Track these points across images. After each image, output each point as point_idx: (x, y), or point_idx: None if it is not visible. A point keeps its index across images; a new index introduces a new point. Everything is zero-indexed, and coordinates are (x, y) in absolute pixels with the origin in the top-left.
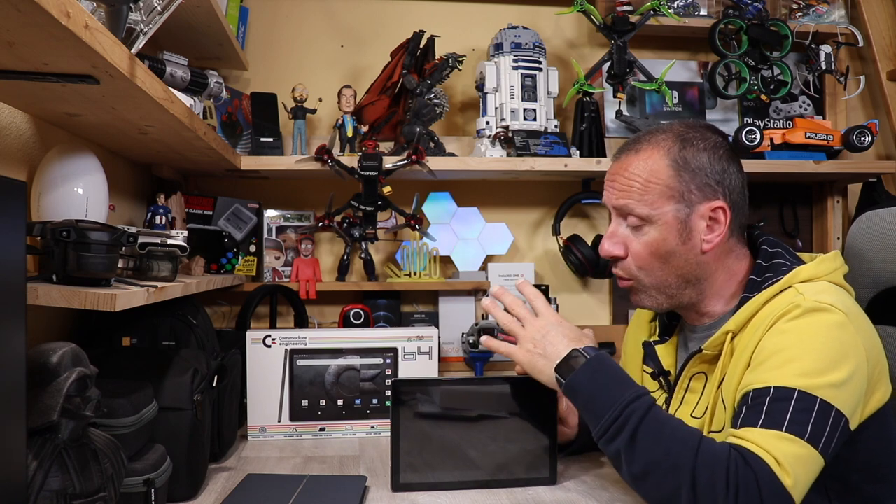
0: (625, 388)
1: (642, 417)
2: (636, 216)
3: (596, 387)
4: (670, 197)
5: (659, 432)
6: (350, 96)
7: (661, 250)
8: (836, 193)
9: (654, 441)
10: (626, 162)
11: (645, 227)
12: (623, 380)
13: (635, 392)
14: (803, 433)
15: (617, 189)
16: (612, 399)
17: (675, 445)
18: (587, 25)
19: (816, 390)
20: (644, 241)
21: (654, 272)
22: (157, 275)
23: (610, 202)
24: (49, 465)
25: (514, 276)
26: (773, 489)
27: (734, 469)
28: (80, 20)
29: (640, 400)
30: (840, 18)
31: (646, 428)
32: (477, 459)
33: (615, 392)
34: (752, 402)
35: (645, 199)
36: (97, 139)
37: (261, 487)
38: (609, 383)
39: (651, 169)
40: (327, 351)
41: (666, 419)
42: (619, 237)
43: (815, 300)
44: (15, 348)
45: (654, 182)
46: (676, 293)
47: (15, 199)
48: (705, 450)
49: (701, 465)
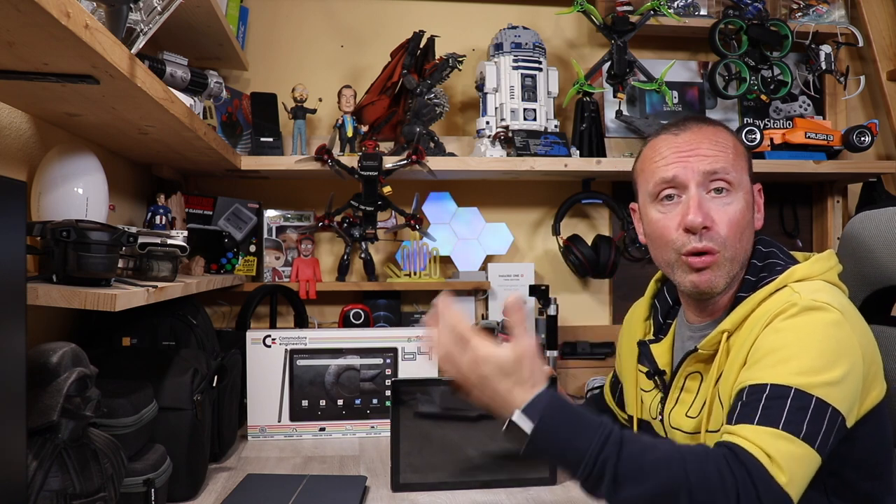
0: (587, 435)
1: (618, 458)
2: (727, 181)
3: (556, 447)
4: (747, 168)
5: (640, 468)
6: (350, 96)
7: (741, 221)
8: (836, 193)
9: (638, 478)
10: (705, 131)
11: (731, 194)
12: (580, 424)
13: (600, 434)
14: (799, 431)
15: (705, 154)
16: (580, 452)
17: (661, 474)
18: (587, 25)
19: (813, 389)
20: (729, 209)
21: (735, 244)
22: (157, 275)
23: (696, 167)
24: (49, 465)
25: (514, 276)
26: (769, 487)
27: (728, 472)
28: (80, 20)
29: (608, 442)
30: (840, 18)
31: (625, 468)
32: (477, 459)
33: (579, 443)
34: (747, 399)
35: (736, 165)
36: (97, 139)
37: (261, 487)
38: (569, 437)
39: (734, 141)
40: (327, 351)
41: (640, 450)
42: (705, 207)
43: (812, 299)
44: (15, 348)
45: (739, 152)
46: (739, 269)
47: (15, 199)
48: (693, 468)
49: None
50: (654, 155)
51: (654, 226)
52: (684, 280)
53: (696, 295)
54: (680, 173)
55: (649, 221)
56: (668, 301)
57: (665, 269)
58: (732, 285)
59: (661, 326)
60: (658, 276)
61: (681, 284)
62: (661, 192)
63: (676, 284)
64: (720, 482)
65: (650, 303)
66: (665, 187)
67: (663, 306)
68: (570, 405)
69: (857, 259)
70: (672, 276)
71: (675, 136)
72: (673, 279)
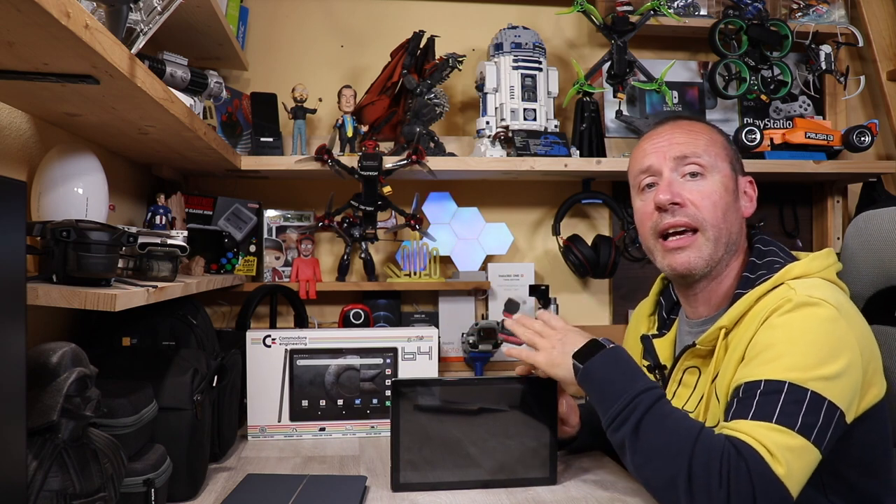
0: (636, 380)
1: (648, 408)
2: (700, 164)
3: (609, 375)
4: (726, 157)
5: (661, 423)
6: (350, 96)
7: (718, 200)
8: (836, 193)
9: (655, 431)
10: (682, 124)
11: (705, 175)
12: (636, 372)
13: (645, 384)
14: (794, 424)
15: (678, 142)
16: (623, 389)
17: (675, 436)
18: (587, 25)
19: (807, 383)
20: (702, 187)
21: (718, 223)
22: (157, 275)
23: (668, 153)
24: (49, 465)
25: (515, 276)
26: (765, 478)
27: (727, 458)
28: (80, 20)
29: (648, 392)
30: (840, 18)
31: (650, 419)
32: (477, 457)
33: (626, 383)
34: (742, 396)
35: (709, 151)
36: (97, 139)
37: (261, 487)
38: (622, 374)
39: (710, 131)
40: (327, 351)
41: (670, 412)
42: (676, 186)
43: (807, 295)
44: (15, 348)
45: (715, 141)
46: (723, 253)
47: (15, 199)
48: (703, 440)
49: (698, 455)
50: (638, 151)
51: (637, 214)
52: (663, 263)
53: (677, 279)
54: (655, 162)
55: (635, 211)
56: (673, 297)
57: (650, 256)
58: (717, 272)
59: (665, 322)
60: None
61: (662, 268)
62: (641, 182)
63: (661, 269)
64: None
65: (656, 299)
66: (644, 176)
67: (667, 302)
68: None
69: (860, 259)
70: (655, 261)
71: (655, 132)
72: (656, 264)
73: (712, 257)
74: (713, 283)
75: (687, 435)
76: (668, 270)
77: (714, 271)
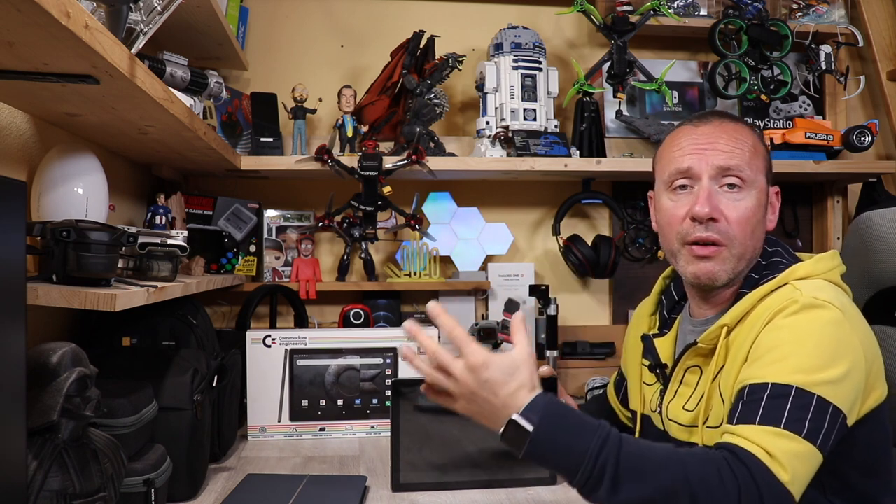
0: (587, 436)
1: (617, 459)
2: (741, 178)
3: (557, 447)
4: (764, 168)
5: (639, 469)
6: (350, 96)
7: (751, 218)
8: (836, 193)
9: (637, 479)
10: (725, 126)
11: (744, 191)
12: (579, 426)
13: (599, 435)
14: (801, 430)
15: (722, 149)
16: (579, 454)
17: (660, 476)
18: (587, 25)
19: (813, 387)
20: (739, 205)
21: (745, 241)
22: (157, 275)
23: (711, 160)
24: (49, 465)
25: (514, 276)
26: (770, 485)
27: (728, 473)
28: (80, 20)
29: (608, 443)
30: (840, 18)
31: (624, 469)
32: (477, 457)
33: (577, 445)
34: (748, 399)
35: (751, 164)
36: (97, 139)
37: (261, 487)
38: (569, 438)
39: (754, 139)
40: (327, 351)
41: (639, 451)
42: (714, 199)
43: (813, 296)
44: (15, 348)
45: (758, 151)
46: (744, 267)
47: (15, 199)
48: (694, 471)
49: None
50: (673, 145)
51: (663, 213)
52: (686, 269)
53: (697, 285)
54: (695, 164)
55: (660, 208)
56: (675, 296)
57: (670, 258)
58: (736, 281)
59: (666, 321)
60: (666, 272)
61: (683, 274)
62: (675, 181)
63: (681, 275)
64: (720, 483)
65: (657, 298)
66: (679, 177)
67: (669, 301)
68: (569, 408)
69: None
70: (676, 264)
71: (695, 128)
72: (677, 268)
73: (734, 270)
74: (730, 289)
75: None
76: (691, 278)
77: (733, 281)
